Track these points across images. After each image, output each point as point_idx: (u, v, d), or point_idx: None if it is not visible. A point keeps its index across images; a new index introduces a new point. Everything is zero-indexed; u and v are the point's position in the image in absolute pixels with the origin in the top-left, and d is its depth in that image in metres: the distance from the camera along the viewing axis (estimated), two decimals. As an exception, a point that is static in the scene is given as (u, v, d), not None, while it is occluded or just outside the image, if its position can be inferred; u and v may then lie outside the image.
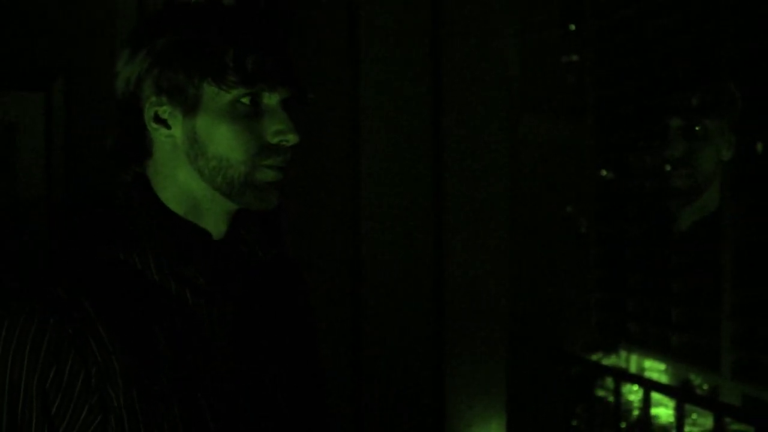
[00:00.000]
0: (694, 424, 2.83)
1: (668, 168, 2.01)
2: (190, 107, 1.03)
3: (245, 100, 1.03)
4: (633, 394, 3.12)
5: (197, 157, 1.04)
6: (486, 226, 2.58)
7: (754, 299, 2.63)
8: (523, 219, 3.04)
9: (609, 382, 3.07)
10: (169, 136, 1.06)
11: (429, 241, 2.55)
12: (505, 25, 2.68)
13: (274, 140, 1.05)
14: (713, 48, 2.67)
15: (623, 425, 3.03)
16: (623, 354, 3.28)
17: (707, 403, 2.57)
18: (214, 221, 1.10)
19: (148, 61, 1.03)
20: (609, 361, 3.25)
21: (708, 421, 2.60)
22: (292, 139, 1.05)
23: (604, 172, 3.45)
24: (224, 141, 1.03)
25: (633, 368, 3.25)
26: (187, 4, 1.08)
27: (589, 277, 3.34)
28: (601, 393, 3.16)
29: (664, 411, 2.99)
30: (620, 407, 2.88)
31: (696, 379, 3.01)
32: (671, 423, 2.85)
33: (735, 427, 2.57)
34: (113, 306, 1.01)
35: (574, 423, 3.17)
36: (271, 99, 1.05)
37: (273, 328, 1.15)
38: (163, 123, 1.05)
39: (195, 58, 1.02)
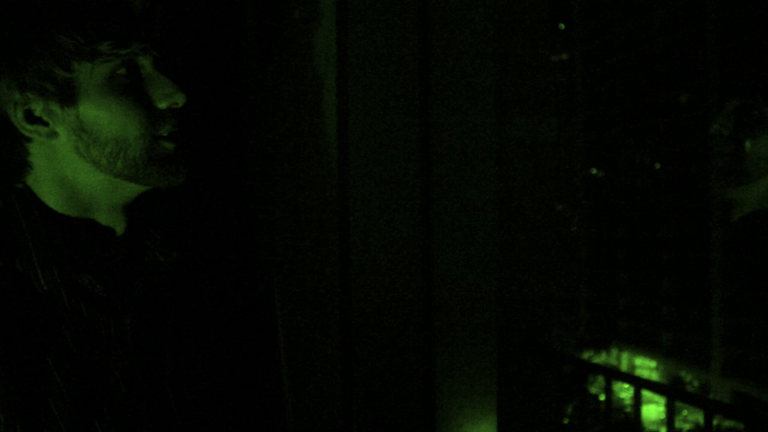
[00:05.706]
0: (684, 420, 2.84)
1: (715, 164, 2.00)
2: (66, 95, 0.93)
3: (122, 71, 0.95)
4: (624, 391, 3.13)
5: (89, 147, 0.94)
6: (475, 224, 2.58)
7: (744, 297, 2.63)
8: (512, 218, 3.04)
9: (600, 380, 3.08)
10: (50, 134, 0.94)
11: (418, 240, 2.55)
12: (494, 23, 2.68)
13: (163, 104, 0.97)
14: (705, 47, 2.68)
15: (614, 422, 3.03)
16: (614, 352, 3.28)
17: (697, 400, 2.58)
18: (112, 217, 1.00)
19: None
20: (600, 358, 3.26)
21: (698, 417, 2.61)
22: (180, 100, 0.97)
23: (594, 171, 3.45)
24: (116, 120, 0.94)
25: (624, 366, 3.27)
26: None
27: (580, 275, 3.34)
28: (592, 391, 3.17)
29: (654, 408, 2.99)
30: (611, 405, 2.88)
31: (687, 376, 3.02)
32: (662, 420, 2.86)
33: (725, 424, 2.57)
34: None
35: (566, 421, 3.17)
36: (146, 63, 0.97)
37: (177, 341, 1.03)
38: (39, 121, 0.94)
39: (55, 38, 0.91)
